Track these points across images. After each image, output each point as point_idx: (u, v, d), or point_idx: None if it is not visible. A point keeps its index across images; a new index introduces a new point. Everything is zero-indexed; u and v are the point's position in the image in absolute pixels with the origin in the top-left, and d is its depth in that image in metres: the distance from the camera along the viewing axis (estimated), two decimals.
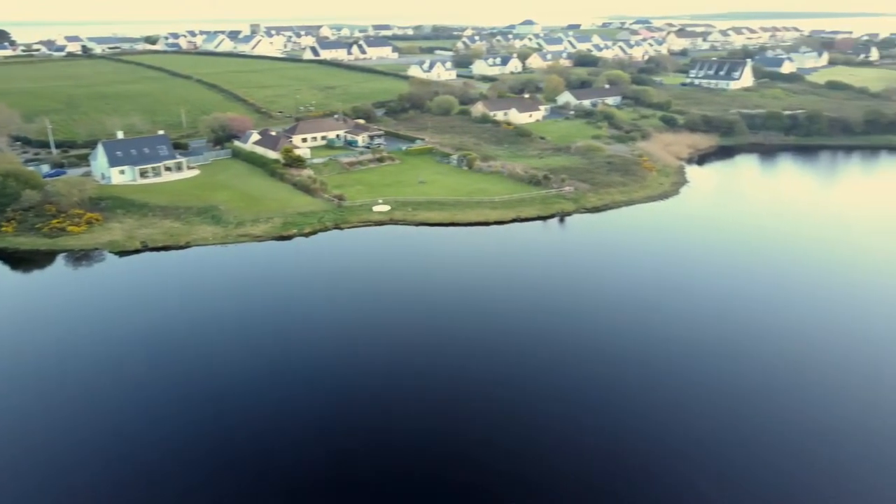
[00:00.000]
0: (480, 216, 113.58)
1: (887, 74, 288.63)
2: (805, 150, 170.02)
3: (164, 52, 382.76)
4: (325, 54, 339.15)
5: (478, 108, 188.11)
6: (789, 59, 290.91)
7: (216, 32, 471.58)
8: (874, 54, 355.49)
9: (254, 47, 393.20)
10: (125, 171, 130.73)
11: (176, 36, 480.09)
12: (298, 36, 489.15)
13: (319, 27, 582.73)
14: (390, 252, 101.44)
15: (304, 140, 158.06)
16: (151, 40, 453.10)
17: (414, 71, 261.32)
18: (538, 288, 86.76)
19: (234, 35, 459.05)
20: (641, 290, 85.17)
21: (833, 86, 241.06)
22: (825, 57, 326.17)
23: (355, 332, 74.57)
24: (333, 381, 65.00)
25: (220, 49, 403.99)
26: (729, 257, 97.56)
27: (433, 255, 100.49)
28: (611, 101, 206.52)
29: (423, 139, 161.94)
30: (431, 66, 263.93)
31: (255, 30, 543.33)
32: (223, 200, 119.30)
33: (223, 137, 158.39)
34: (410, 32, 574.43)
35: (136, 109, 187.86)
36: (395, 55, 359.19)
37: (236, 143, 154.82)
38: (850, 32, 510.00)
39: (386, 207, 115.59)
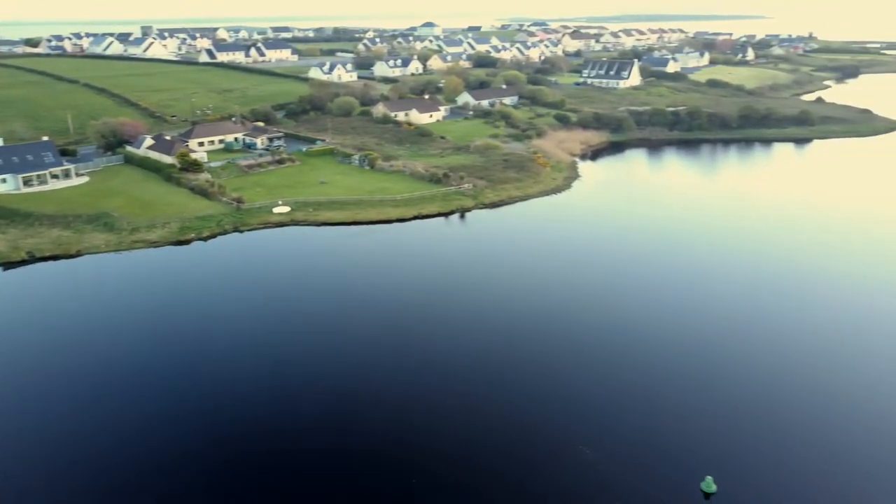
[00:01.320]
0: (382, 214, 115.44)
1: (761, 73, 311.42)
2: (687, 144, 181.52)
3: (48, 55, 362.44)
4: (222, 57, 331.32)
5: (379, 109, 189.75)
6: (674, 59, 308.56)
7: (104, 35, 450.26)
8: (750, 54, 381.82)
9: (145, 50, 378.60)
10: (7, 180, 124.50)
11: (60, 38, 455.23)
12: (193, 38, 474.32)
13: (216, 29, 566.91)
14: (291, 252, 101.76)
15: (201, 144, 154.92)
16: (32, 43, 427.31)
17: (314, 73, 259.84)
18: (440, 280, 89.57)
19: (123, 37, 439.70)
20: (535, 280, 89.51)
21: (713, 84, 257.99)
22: (707, 57, 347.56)
23: (259, 334, 74.79)
24: (235, 384, 65.18)
25: (110, 52, 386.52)
26: (616, 244, 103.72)
27: (335, 254, 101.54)
28: (508, 100, 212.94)
29: (323, 140, 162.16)
30: (332, 68, 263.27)
31: (146, 32, 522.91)
32: (116, 207, 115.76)
33: (114, 143, 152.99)
34: (311, 35, 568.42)
35: (16, 115, 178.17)
36: (295, 57, 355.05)
37: (129, 148, 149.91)
38: (730, 34, 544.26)
39: (286, 209, 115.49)
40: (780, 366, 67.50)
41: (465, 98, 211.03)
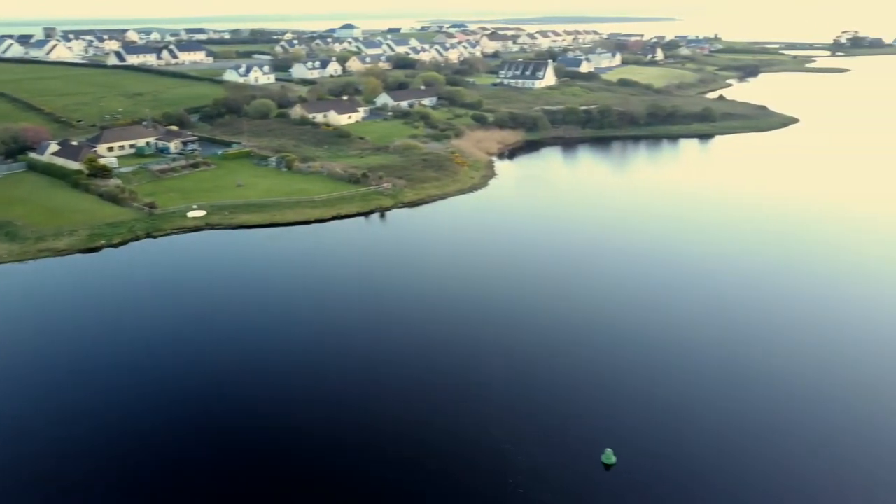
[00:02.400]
0: (301, 215, 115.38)
1: (669, 72, 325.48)
2: (599, 141, 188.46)
3: None
4: (133, 59, 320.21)
5: (297, 111, 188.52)
6: (587, 59, 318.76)
7: (2, 37, 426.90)
8: (659, 55, 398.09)
9: (49, 52, 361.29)
10: None
11: None
12: (101, 40, 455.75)
13: (125, 31, 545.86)
14: (206, 256, 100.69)
15: (111, 149, 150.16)
16: None
17: (230, 75, 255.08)
18: (364, 278, 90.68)
19: (24, 39, 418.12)
20: (452, 274, 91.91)
21: (624, 83, 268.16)
22: (618, 57, 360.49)
23: (173, 339, 73.98)
24: (144, 391, 64.49)
25: (9, 55, 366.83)
26: (532, 237, 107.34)
27: (252, 256, 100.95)
28: (427, 101, 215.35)
29: (240, 143, 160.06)
30: (248, 71, 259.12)
31: (49, 34, 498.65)
32: (19, 215, 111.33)
33: (16, 150, 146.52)
34: (227, 36, 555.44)
35: None
36: (210, 60, 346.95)
37: (32, 155, 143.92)
38: (641, 35, 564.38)
39: (201, 213, 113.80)
40: (675, 341, 72.05)
41: (384, 99, 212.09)
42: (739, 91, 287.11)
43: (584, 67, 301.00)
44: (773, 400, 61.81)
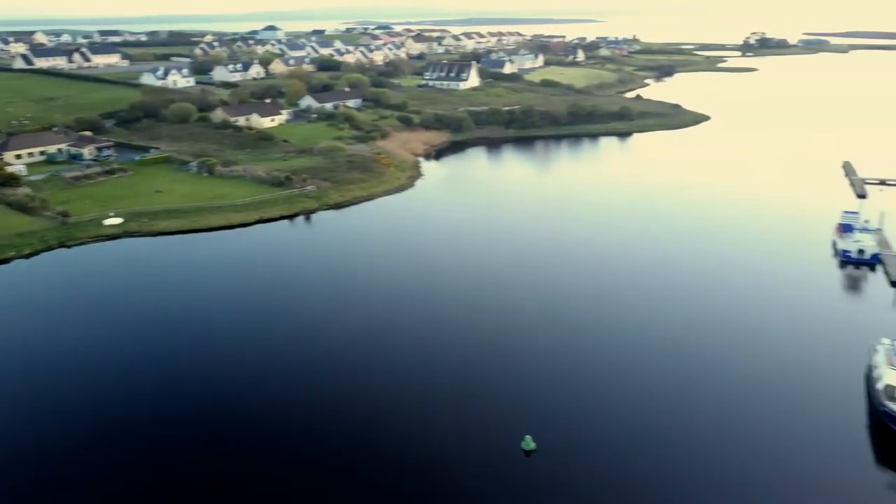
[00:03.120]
0: (223, 220, 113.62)
1: (589, 73, 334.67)
2: (523, 141, 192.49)
3: None
4: (41, 63, 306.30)
5: (218, 115, 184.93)
6: (510, 60, 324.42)
7: None
8: (581, 56, 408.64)
9: None
10: None
11: None
12: (6, 42, 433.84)
13: (33, 33, 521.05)
14: (124, 265, 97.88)
15: (19, 157, 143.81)
16: None
17: (147, 79, 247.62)
18: (288, 281, 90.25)
19: None
20: (375, 275, 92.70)
21: (546, 84, 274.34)
22: (541, 58, 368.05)
23: (88, 349, 71.99)
24: (59, 401, 62.70)
25: None
26: (455, 235, 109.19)
27: (173, 263, 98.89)
28: (352, 103, 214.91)
29: (158, 148, 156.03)
30: (167, 74, 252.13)
31: None
32: None
33: None
34: (143, 39, 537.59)
35: None
36: (126, 63, 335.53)
37: None
38: (563, 37, 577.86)
39: (118, 220, 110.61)
40: (591, 327, 75.09)
41: (308, 101, 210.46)
42: (656, 90, 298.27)
43: (508, 68, 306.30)
44: (688, 381, 65.30)
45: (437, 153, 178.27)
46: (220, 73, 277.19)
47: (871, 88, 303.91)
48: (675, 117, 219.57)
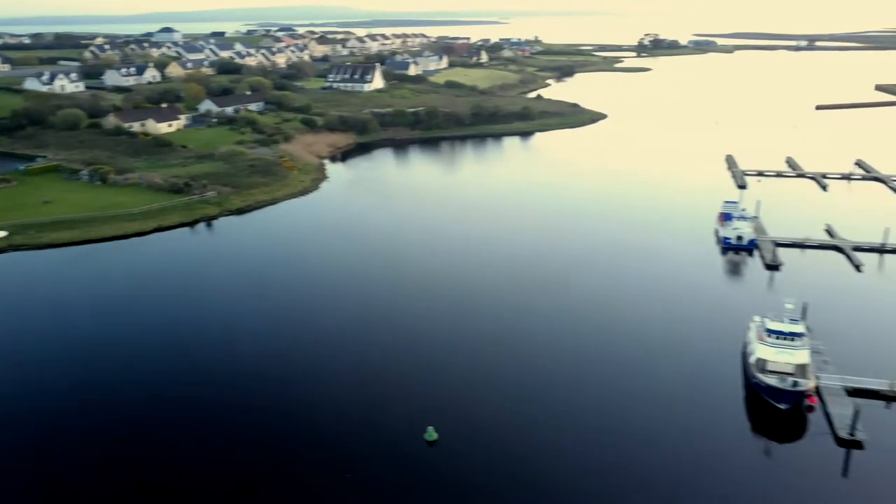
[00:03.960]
0: (118, 230, 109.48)
1: (493, 74, 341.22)
2: (428, 142, 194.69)
3: None
4: None
5: (110, 121, 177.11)
6: (415, 62, 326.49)
7: None
8: (484, 57, 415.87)
9: None
10: None
11: None
12: None
13: None
14: (8, 280, 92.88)
15: None
16: None
17: (31, 84, 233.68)
18: (187, 289, 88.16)
19: None
20: (277, 277, 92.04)
21: (450, 85, 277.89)
22: (445, 60, 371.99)
23: None
24: None
25: None
26: (362, 234, 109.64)
27: (63, 276, 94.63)
28: (254, 106, 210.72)
29: (45, 157, 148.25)
30: (53, 78, 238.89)
31: None
32: None
33: None
34: (27, 41, 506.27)
35: None
36: (7, 67, 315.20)
37: None
38: (468, 38, 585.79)
39: (2, 233, 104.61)
40: (493, 321, 77.58)
41: (207, 105, 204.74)
42: (557, 90, 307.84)
43: (413, 70, 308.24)
44: (582, 362, 68.62)
45: (343, 155, 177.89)
46: (112, 78, 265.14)
47: (752, 86, 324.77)
48: (574, 116, 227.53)
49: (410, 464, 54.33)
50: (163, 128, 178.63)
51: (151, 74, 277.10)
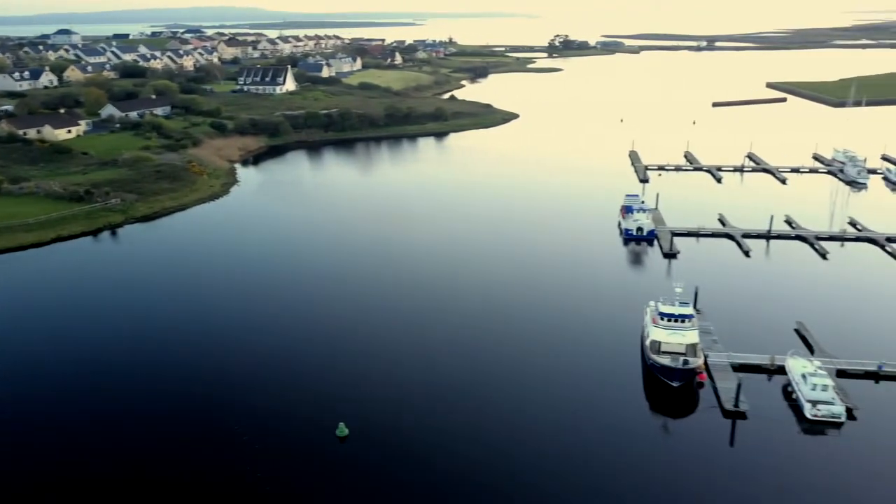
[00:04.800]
0: (13, 241, 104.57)
1: (407, 75, 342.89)
2: (342, 143, 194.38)
3: None
4: None
5: (2, 127, 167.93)
6: (328, 64, 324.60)
7: None
8: (398, 58, 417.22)
9: None
10: None
11: None
12: None
13: None
14: None
15: None
16: None
17: None
18: (89, 299, 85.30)
19: None
20: (185, 283, 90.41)
21: (364, 87, 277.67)
22: (359, 62, 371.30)
23: None
24: None
25: None
26: (272, 237, 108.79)
27: None
28: (160, 111, 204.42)
29: None
30: None
31: None
32: None
33: None
34: None
35: None
36: None
37: None
38: (383, 40, 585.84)
39: None
40: (402, 319, 78.96)
41: (109, 110, 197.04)
42: (471, 91, 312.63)
43: (326, 72, 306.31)
44: (490, 354, 70.79)
45: (255, 159, 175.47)
46: (4, 83, 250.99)
47: (656, 85, 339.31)
48: (486, 116, 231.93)
49: (321, 460, 54.89)
50: (61, 134, 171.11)
51: (48, 79, 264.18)
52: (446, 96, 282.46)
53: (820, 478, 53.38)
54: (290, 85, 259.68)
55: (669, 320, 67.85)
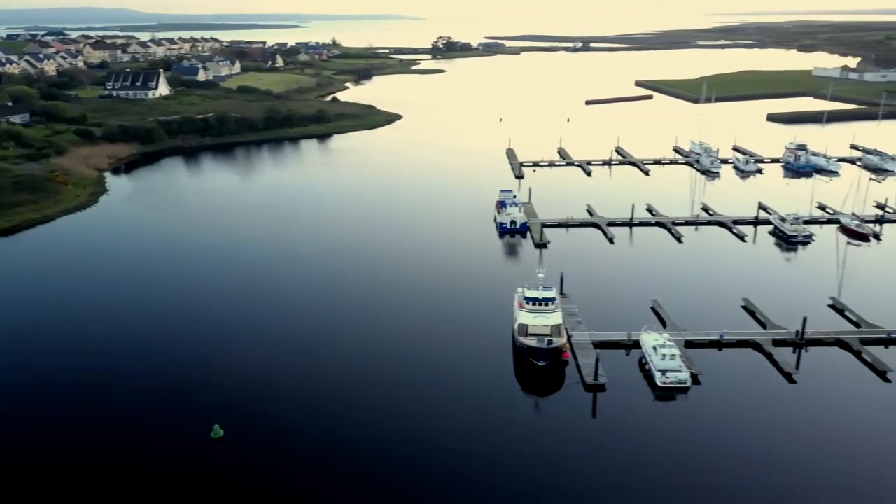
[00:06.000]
0: None
1: (288, 78, 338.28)
2: (221, 148, 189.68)
3: None
4: None
5: None
6: (204, 67, 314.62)
7: None
8: (280, 61, 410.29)
9: None
10: None
11: None
12: None
13: None
14: None
15: None
16: None
17: None
18: None
19: None
20: (47, 296, 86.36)
21: (243, 90, 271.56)
22: (238, 65, 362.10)
23: None
24: None
25: None
26: (141, 244, 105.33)
27: None
28: (17, 118, 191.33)
29: None
30: None
31: None
32: None
33: None
34: None
35: None
36: None
37: None
38: (264, 43, 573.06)
39: None
40: (275, 323, 79.20)
41: None
42: (355, 93, 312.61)
43: (203, 76, 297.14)
44: (371, 354, 72.33)
45: (127, 167, 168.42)
46: None
47: (534, 84, 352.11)
48: (370, 117, 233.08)
49: (196, 462, 54.56)
50: None
51: None
52: (329, 98, 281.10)
53: (670, 436, 58.55)
54: (163, 89, 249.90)
55: (535, 304, 72.01)
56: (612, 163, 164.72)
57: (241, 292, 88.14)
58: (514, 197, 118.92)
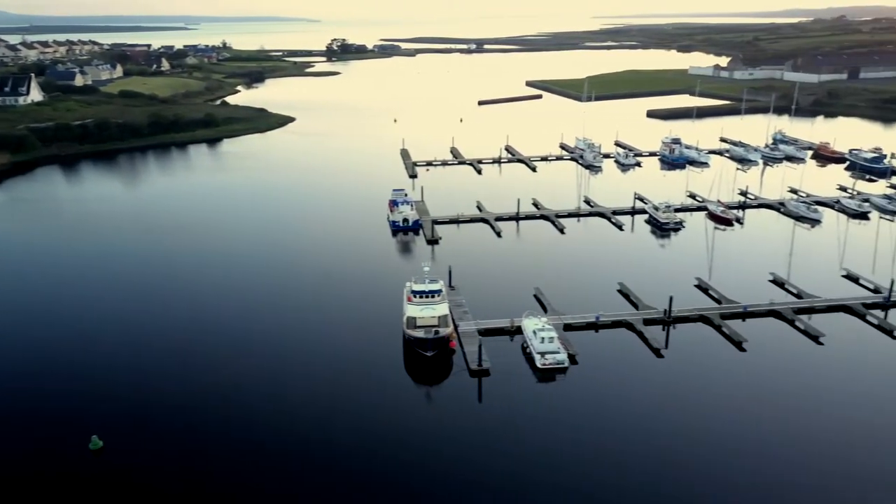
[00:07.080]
0: None
1: (175, 82, 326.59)
2: (101, 156, 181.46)
3: None
4: None
5: None
6: (82, 72, 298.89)
7: None
8: (165, 64, 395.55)
9: None
10: None
11: None
12: None
13: None
14: None
15: None
16: None
17: None
18: None
19: None
20: None
21: (126, 94, 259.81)
22: (120, 69, 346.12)
23: None
24: None
25: None
26: (14, 258, 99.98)
27: None
28: None
29: None
30: None
31: None
32: None
33: None
34: None
35: None
36: None
37: None
38: (148, 46, 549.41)
39: None
40: (156, 331, 77.61)
41: None
42: (247, 96, 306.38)
43: (80, 80, 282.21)
44: (265, 354, 72.10)
45: None
46: None
47: (429, 85, 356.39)
48: (261, 120, 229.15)
49: (73, 475, 52.92)
50: None
51: None
52: (218, 102, 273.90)
53: (550, 414, 61.88)
54: (35, 95, 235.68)
55: (422, 297, 74.13)
56: (502, 161, 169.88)
57: (119, 302, 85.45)
58: (406, 196, 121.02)
